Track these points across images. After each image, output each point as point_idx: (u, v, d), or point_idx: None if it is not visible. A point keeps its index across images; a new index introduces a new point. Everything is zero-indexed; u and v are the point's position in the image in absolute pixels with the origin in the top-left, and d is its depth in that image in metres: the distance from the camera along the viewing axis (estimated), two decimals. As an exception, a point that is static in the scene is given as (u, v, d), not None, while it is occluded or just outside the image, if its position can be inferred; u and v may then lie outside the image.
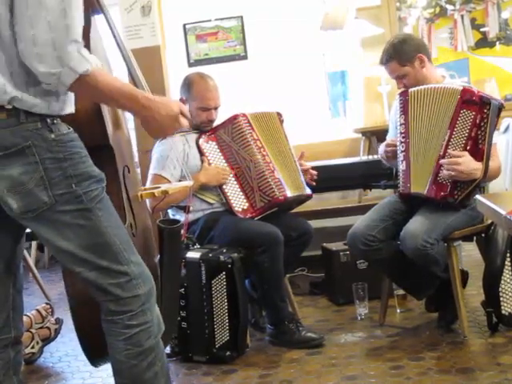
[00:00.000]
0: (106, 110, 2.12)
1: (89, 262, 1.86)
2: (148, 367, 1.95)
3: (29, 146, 1.75)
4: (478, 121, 3.03)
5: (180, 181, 3.45)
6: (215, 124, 3.65)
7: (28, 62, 1.70)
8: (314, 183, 3.74)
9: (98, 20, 2.23)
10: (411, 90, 3.26)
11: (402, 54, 3.31)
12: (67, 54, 1.68)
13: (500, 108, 3.04)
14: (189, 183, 2.58)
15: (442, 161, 3.08)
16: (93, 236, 1.85)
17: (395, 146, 3.33)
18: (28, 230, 2.03)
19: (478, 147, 3.03)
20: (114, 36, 2.28)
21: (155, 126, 1.94)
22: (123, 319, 1.91)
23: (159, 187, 2.28)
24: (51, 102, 1.79)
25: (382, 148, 3.46)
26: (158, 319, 1.99)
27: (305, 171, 3.71)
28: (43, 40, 1.66)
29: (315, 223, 3.97)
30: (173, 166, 3.44)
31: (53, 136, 1.78)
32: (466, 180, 3.05)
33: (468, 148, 3.05)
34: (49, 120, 1.79)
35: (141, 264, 1.96)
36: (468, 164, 3.01)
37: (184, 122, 1.99)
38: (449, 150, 3.07)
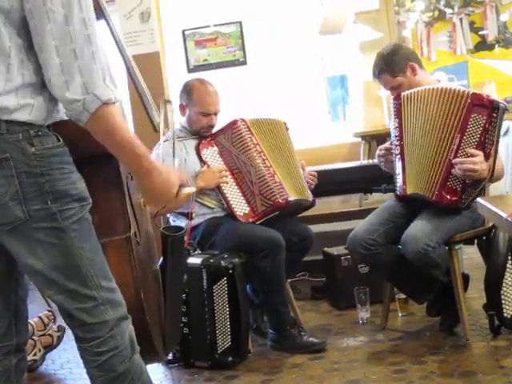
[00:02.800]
0: None
1: (57, 283, 1.82)
2: None
3: (6, 159, 1.70)
4: (487, 125, 3.03)
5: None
6: (215, 129, 3.65)
7: (54, 91, 1.70)
8: (314, 183, 3.73)
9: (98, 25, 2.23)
10: (404, 93, 3.27)
11: (393, 66, 3.33)
12: (93, 81, 1.70)
13: (505, 111, 3.06)
14: (191, 189, 2.58)
15: (456, 160, 3.06)
16: (63, 256, 1.80)
17: (387, 150, 3.34)
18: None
19: (485, 151, 3.03)
20: (116, 42, 2.28)
21: (150, 194, 1.94)
22: (92, 346, 1.87)
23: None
24: (33, 108, 1.75)
25: (379, 152, 3.46)
26: (130, 341, 1.93)
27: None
28: (70, 68, 1.68)
29: (316, 228, 3.97)
30: None
31: (33, 150, 1.73)
32: (474, 181, 3.05)
33: None
34: (32, 132, 1.74)
35: (112, 290, 1.91)
36: (481, 164, 3.01)
37: (183, 197, 1.99)
38: (461, 150, 3.07)
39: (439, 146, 3.15)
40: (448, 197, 3.11)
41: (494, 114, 3.02)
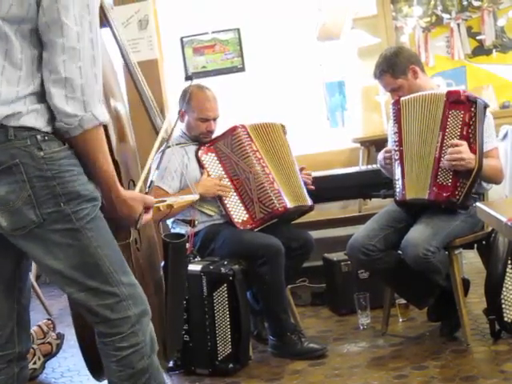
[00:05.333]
0: (111, 124, 2.12)
1: (78, 282, 1.85)
2: None
3: (16, 164, 1.73)
4: (467, 119, 3.08)
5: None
6: (214, 135, 3.65)
7: (53, 101, 1.73)
8: (313, 187, 3.73)
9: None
10: (403, 98, 3.29)
11: (395, 67, 3.34)
12: (93, 102, 1.74)
13: (485, 107, 3.12)
14: (194, 197, 2.58)
15: (446, 157, 3.09)
16: (82, 256, 1.83)
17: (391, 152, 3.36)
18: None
19: (471, 146, 3.06)
20: (120, 49, 2.29)
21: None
22: (114, 341, 1.89)
23: (165, 201, 2.28)
24: (39, 113, 1.78)
25: (381, 156, 3.46)
26: (151, 339, 1.96)
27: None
28: (74, 85, 1.71)
29: (316, 234, 3.96)
30: (171, 178, 3.45)
31: (41, 154, 1.75)
32: (464, 173, 3.06)
33: None
34: (39, 136, 1.76)
35: (133, 285, 1.94)
36: (467, 153, 3.04)
37: (147, 217, 2.01)
38: (445, 146, 3.09)
39: (429, 148, 3.17)
40: (440, 193, 3.12)
41: (473, 109, 3.07)
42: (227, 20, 6.00)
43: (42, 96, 1.78)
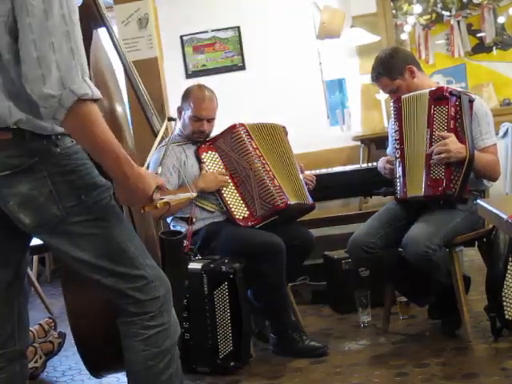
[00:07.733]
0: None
1: (106, 269, 1.88)
2: (164, 369, 1.97)
3: (36, 163, 1.76)
4: (453, 113, 3.11)
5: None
6: (214, 134, 3.65)
7: (30, 85, 1.67)
8: (313, 184, 3.74)
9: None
10: (403, 96, 3.29)
11: (391, 69, 3.35)
12: (70, 77, 1.66)
13: (471, 101, 3.14)
14: (192, 195, 2.58)
15: (429, 150, 3.12)
16: (107, 244, 1.87)
17: (392, 163, 3.36)
18: (31, 243, 2.05)
19: (460, 138, 3.08)
20: (116, 49, 2.30)
21: (126, 195, 1.87)
22: (143, 320, 1.93)
23: (162, 198, 2.29)
24: (54, 123, 1.77)
25: (381, 164, 3.48)
26: (174, 321, 2.01)
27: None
28: (47, 62, 1.65)
29: (316, 232, 3.96)
30: (169, 173, 3.44)
31: (58, 150, 1.79)
32: (456, 164, 3.07)
33: None
34: (53, 136, 1.80)
35: (156, 267, 1.98)
36: (455, 144, 3.06)
37: (157, 196, 1.92)
38: (433, 142, 3.12)
39: (422, 145, 3.19)
40: (436, 188, 3.12)
41: (457, 103, 3.10)
42: (227, 18, 6.00)
43: None
